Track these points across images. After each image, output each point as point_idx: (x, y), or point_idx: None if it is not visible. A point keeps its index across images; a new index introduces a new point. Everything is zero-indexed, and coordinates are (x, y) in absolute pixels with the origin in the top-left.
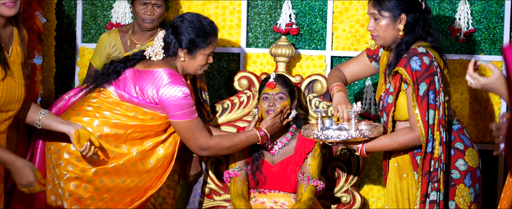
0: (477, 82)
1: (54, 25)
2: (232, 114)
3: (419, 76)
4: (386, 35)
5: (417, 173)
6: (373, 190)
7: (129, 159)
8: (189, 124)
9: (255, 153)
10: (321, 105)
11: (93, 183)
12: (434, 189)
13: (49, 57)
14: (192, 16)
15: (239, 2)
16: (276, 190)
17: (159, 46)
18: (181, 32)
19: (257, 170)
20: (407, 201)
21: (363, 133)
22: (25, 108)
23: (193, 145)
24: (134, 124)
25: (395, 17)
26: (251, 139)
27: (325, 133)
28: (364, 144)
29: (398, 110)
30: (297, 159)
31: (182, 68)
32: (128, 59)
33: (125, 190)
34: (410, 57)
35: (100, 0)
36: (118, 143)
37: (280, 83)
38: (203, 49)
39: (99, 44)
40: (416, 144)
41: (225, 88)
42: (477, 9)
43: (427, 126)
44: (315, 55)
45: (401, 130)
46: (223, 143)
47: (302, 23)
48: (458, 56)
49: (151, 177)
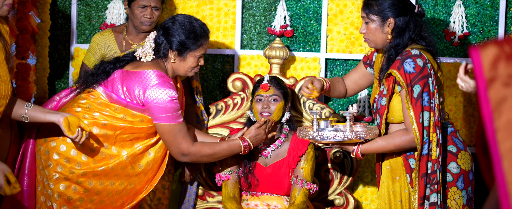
0: (468, 85)
1: (49, 26)
2: (226, 116)
3: (412, 78)
4: (376, 39)
5: (410, 175)
6: (366, 192)
7: (119, 162)
8: (173, 128)
9: (247, 155)
10: (315, 107)
11: (82, 184)
12: (434, 191)
13: (43, 57)
14: (183, 18)
15: (233, 3)
16: (268, 193)
17: (150, 47)
18: (171, 33)
19: (249, 173)
20: (400, 203)
21: (359, 134)
22: (10, 103)
23: (174, 150)
24: (123, 126)
25: (383, 21)
26: (234, 148)
27: (321, 134)
28: (359, 146)
29: (392, 112)
30: (290, 161)
31: (172, 70)
32: (118, 60)
33: (115, 192)
34: (403, 60)
35: (94, 1)
36: (108, 144)
37: (274, 85)
38: (194, 51)
39: (93, 44)
40: (411, 146)
41: (219, 90)
42: (472, 12)
43: (421, 127)
44: (309, 58)
45: (396, 132)
46: (205, 150)
47: (297, 25)
48: (453, 60)
49: (140, 181)
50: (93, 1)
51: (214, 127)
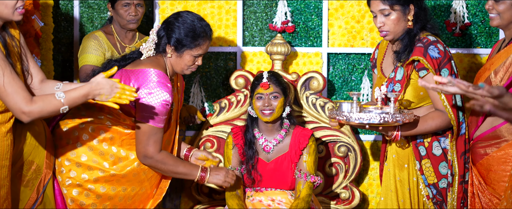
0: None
1: (52, 29)
2: (229, 113)
3: (439, 63)
4: (397, 29)
5: (420, 162)
6: (372, 185)
7: (131, 170)
8: (150, 129)
9: (249, 152)
10: (317, 102)
11: (94, 190)
12: (467, 171)
13: (48, 60)
14: (187, 15)
15: (234, 1)
16: (272, 188)
17: (152, 40)
18: (172, 28)
19: (252, 169)
20: (408, 191)
21: (406, 116)
22: None
23: (141, 150)
24: (128, 132)
25: (405, 9)
26: (193, 172)
27: (368, 115)
28: (399, 129)
29: (410, 97)
30: (292, 155)
31: (171, 66)
32: (124, 58)
33: (127, 198)
34: (426, 47)
35: (96, 3)
36: (116, 147)
37: (274, 82)
38: (190, 50)
39: (91, 42)
40: (448, 126)
41: (222, 88)
42: (473, 3)
43: (456, 109)
44: (311, 53)
45: (430, 115)
46: (168, 160)
47: (298, 21)
48: (455, 50)
49: (151, 184)
50: (94, 3)
51: (218, 125)
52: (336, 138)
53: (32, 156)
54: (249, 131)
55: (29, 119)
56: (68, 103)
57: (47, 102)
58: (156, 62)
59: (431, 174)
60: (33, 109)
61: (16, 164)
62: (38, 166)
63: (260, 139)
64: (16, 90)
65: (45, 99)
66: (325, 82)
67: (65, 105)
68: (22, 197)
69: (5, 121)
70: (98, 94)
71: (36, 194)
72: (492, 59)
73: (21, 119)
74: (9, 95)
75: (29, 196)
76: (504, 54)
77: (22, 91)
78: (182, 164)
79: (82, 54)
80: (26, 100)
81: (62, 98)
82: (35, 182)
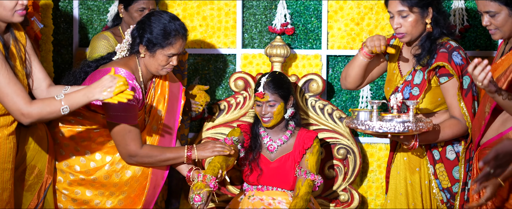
0: None
1: (51, 31)
2: (229, 115)
3: (462, 69)
4: (415, 31)
5: (434, 167)
6: (371, 188)
7: (101, 172)
8: (122, 129)
9: (254, 142)
10: (317, 104)
11: (69, 194)
12: (469, 178)
13: (47, 62)
14: (159, 14)
15: (234, 3)
16: (274, 187)
17: (126, 41)
18: (144, 28)
19: (253, 161)
20: (420, 194)
21: (426, 124)
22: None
23: (122, 150)
24: (98, 132)
25: (424, 11)
26: (180, 153)
27: (388, 125)
28: (417, 138)
29: (427, 103)
30: (295, 155)
31: (145, 67)
32: (102, 58)
33: (109, 204)
34: (450, 52)
35: (96, 4)
36: (89, 151)
37: (270, 90)
38: (162, 49)
39: (101, 42)
40: (463, 134)
41: (222, 90)
42: (472, 5)
43: (474, 117)
44: (310, 55)
45: (447, 122)
46: (153, 152)
47: (297, 23)
48: None
49: (134, 189)
50: (94, 5)
51: (217, 127)
52: (336, 140)
53: (35, 160)
54: (256, 127)
55: (29, 120)
56: (68, 103)
57: (47, 103)
58: (123, 62)
59: (445, 178)
60: (32, 110)
61: (19, 168)
62: (40, 171)
63: (265, 138)
64: (15, 91)
65: (44, 100)
66: (325, 85)
67: (64, 105)
68: (23, 201)
69: (7, 124)
70: (100, 91)
71: (37, 199)
72: (494, 65)
73: (21, 121)
74: (7, 96)
75: (30, 201)
76: (506, 62)
77: (21, 93)
78: (168, 150)
79: (93, 55)
80: (25, 101)
81: (61, 98)
82: (37, 186)
